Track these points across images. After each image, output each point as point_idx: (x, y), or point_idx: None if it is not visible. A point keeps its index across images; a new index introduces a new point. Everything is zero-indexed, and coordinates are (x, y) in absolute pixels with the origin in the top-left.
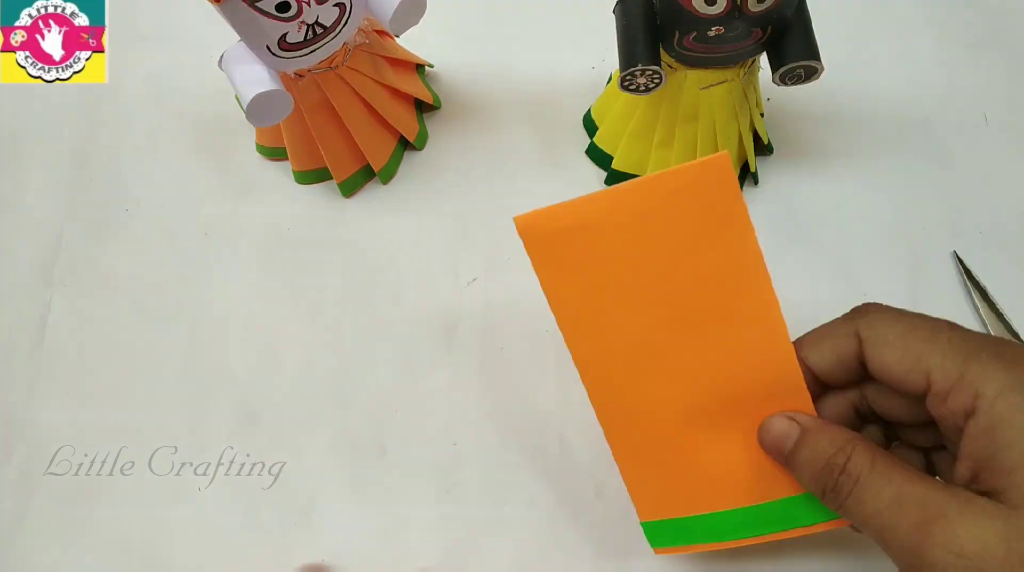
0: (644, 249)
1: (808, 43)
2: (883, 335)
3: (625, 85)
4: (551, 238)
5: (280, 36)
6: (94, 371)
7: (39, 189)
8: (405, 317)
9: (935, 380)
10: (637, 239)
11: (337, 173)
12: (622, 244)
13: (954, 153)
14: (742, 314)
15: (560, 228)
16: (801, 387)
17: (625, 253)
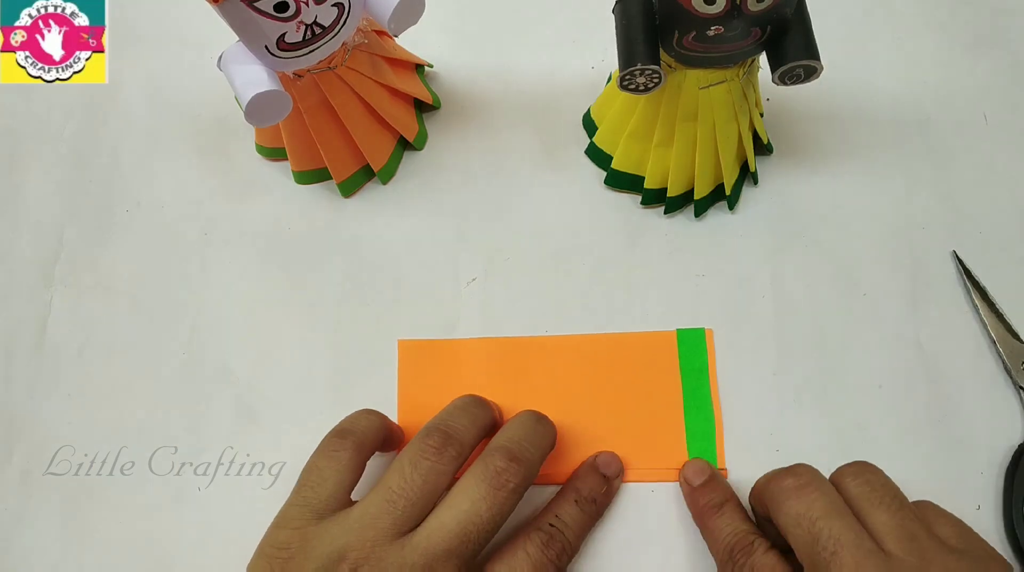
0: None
1: (807, 42)
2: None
3: (624, 84)
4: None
5: (279, 36)
6: (94, 371)
7: (39, 189)
8: (404, 317)
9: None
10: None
11: (336, 173)
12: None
13: (954, 153)
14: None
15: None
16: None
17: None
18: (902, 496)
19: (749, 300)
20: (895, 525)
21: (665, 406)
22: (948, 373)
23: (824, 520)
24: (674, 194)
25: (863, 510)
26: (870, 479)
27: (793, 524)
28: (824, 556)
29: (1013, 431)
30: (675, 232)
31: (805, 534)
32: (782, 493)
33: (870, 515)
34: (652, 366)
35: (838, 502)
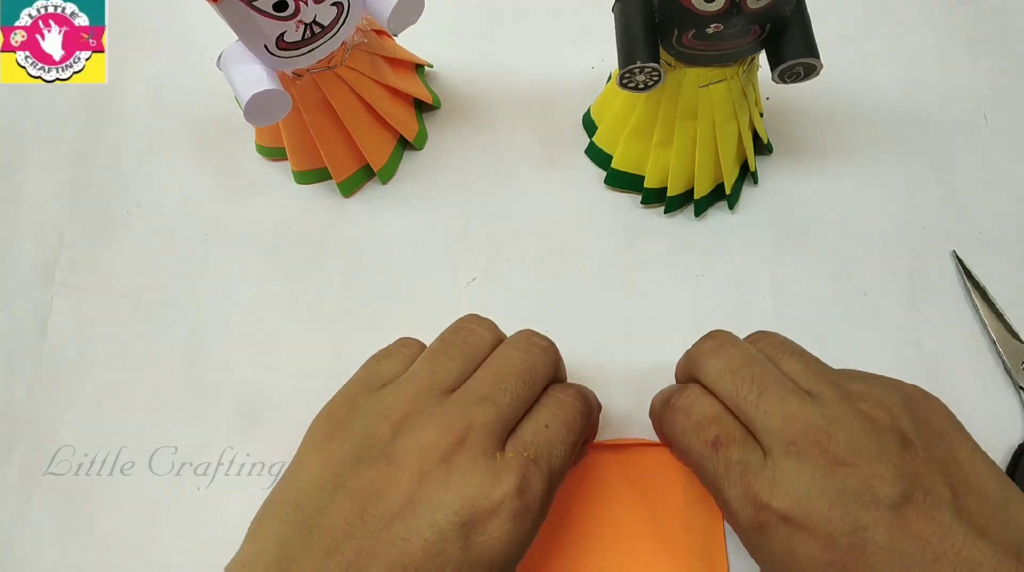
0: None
1: (807, 40)
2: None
3: (624, 82)
4: None
5: (278, 35)
6: (94, 371)
7: (39, 189)
8: (404, 317)
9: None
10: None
11: (336, 173)
12: None
13: (954, 153)
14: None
15: None
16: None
17: None
18: (803, 349)
19: (749, 300)
20: (804, 367)
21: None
22: (948, 373)
23: (745, 368)
24: (674, 193)
25: (774, 360)
26: (773, 340)
27: (717, 379)
28: (751, 400)
29: (1013, 431)
30: (675, 232)
31: (729, 384)
32: (702, 355)
33: (782, 364)
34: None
35: (755, 353)
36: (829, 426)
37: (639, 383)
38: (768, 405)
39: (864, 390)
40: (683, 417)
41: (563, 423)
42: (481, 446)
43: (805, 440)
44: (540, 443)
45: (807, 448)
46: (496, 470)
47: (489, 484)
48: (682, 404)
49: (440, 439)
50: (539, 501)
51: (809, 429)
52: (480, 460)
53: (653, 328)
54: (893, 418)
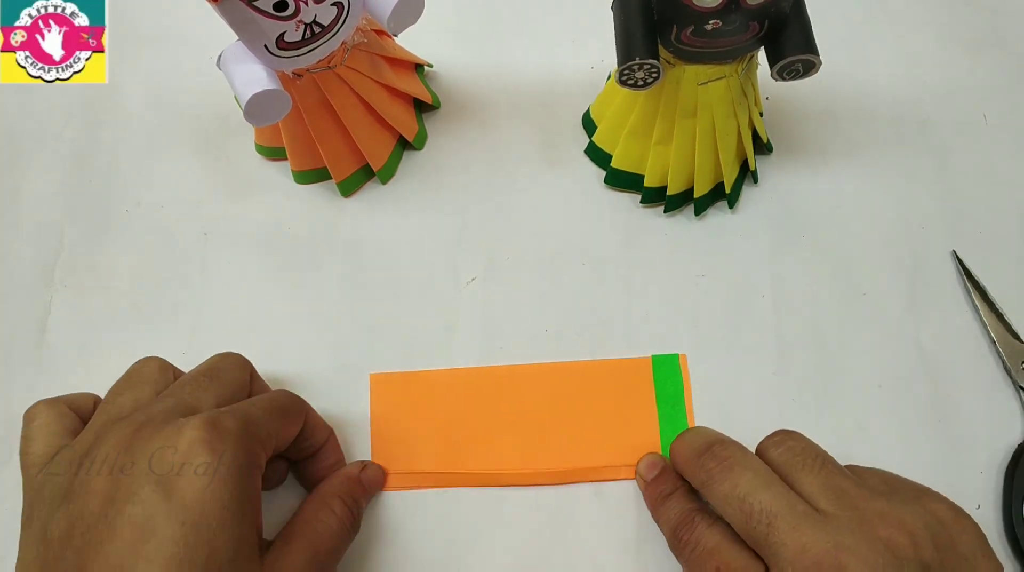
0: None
1: (806, 37)
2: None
3: (623, 80)
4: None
5: (278, 35)
6: (94, 371)
7: (39, 189)
8: (404, 317)
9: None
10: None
11: (336, 173)
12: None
13: (954, 152)
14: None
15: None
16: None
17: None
18: (826, 455)
19: (749, 300)
20: (822, 484)
21: (642, 431)
22: (948, 373)
23: (753, 495)
24: (674, 192)
25: (789, 476)
26: (791, 446)
27: (725, 505)
28: (761, 530)
29: (1013, 430)
30: (675, 231)
31: (738, 512)
32: (709, 478)
33: (797, 480)
34: (628, 393)
35: (764, 474)
36: (843, 556)
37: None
38: (777, 536)
39: (886, 511)
40: (688, 551)
41: (262, 397)
42: (162, 420)
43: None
44: (233, 406)
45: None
46: (179, 426)
47: (173, 435)
48: (689, 540)
49: (121, 437)
50: (235, 434)
51: (821, 560)
52: (162, 427)
53: (653, 328)
54: (916, 546)
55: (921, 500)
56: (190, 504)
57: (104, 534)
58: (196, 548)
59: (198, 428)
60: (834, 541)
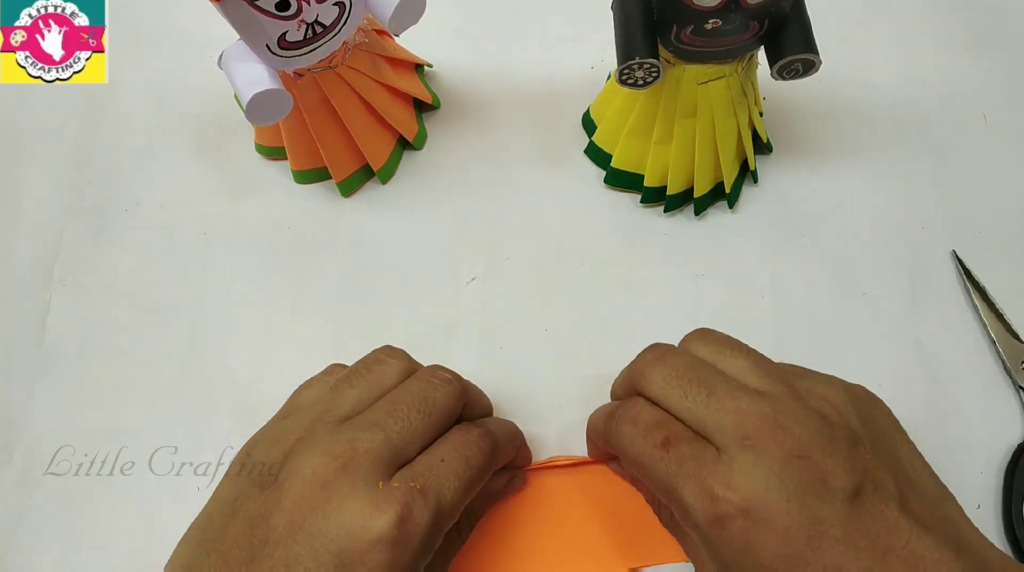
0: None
1: (805, 37)
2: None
3: (623, 79)
4: None
5: (280, 35)
6: (94, 371)
7: (39, 189)
8: (404, 316)
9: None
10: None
11: (336, 173)
12: None
13: (953, 152)
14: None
15: None
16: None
17: None
18: (745, 344)
19: (749, 300)
20: (750, 365)
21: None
22: (948, 373)
23: (691, 372)
24: (674, 192)
25: (718, 363)
26: (713, 337)
27: (664, 386)
28: (700, 400)
29: (1013, 430)
30: (675, 231)
31: (676, 390)
32: (646, 365)
33: (725, 364)
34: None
35: (697, 359)
36: (783, 420)
37: None
38: (718, 404)
39: (812, 387)
40: (630, 426)
41: (462, 459)
42: (363, 473)
43: (760, 434)
44: (432, 475)
45: (762, 441)
46: (377, 499)
47: (368, 513)
48: (628, 414)
49: (323, 465)
50: (421, 534)
51: (763, 423)
52: (361, 488)
53: (653, 327)
54: (842, 415)
55: (839, 381)
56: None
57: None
58: None
59: (392, 519)
60: (771, 407)
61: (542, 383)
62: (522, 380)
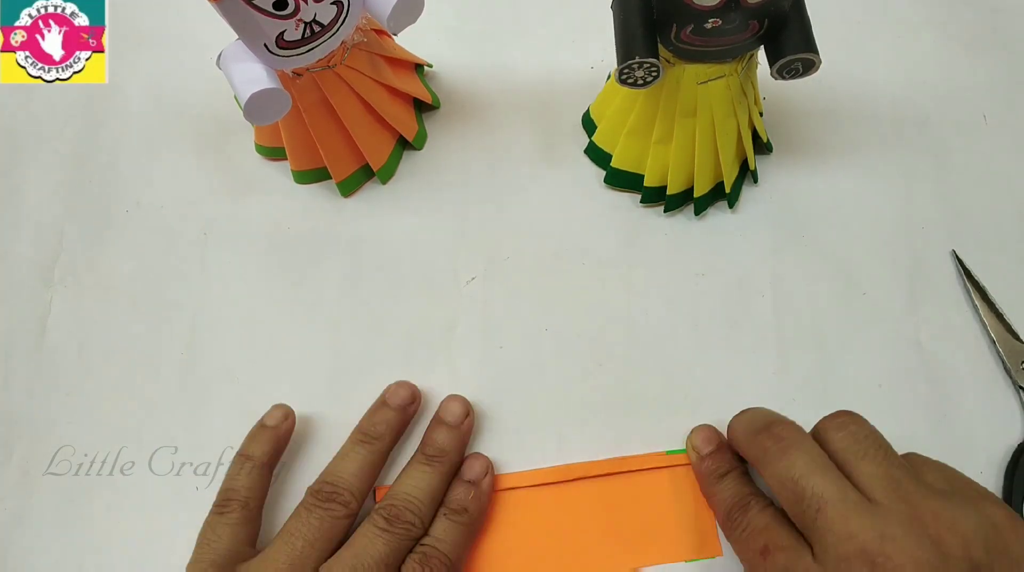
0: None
1: (805, 36)
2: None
3: (623, 78)
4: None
5: (278, 34)
6: (94, 371)
7: (39, 189)
8: (404, 316)
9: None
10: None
11: (336, 173)
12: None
13: (953, 152)
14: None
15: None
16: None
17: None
18: (887, 445)
19: (749, 300)
20: (880, 474)
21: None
22: (948, 373)
23: (806, 478)
24: (674, 192)
25: (848, 463)
26: (854, 430)
27: (778, 486)
28: (810, 514)
29: (1013, 430)
30: (675, 231)
31: (790, 495)
32: (765, 456)
33: (855, 467)
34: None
35: (820, 458)
36: (888, 547)
37: (638, 381)
38: (826, 522)
39: (939, 510)
40: (739, 531)
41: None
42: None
43: (859, 559)
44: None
45: (859, 567)
46: None
47: None
48: (741, 521)
49: None
50: None
51: (865, 548)
52: None
53: (653, 327)
54: (965, 547)
55: (978, 503)
56: None
57: None
58: None
59: None
60: (881, 532)
61: (542, 383)
62: (522, 380)
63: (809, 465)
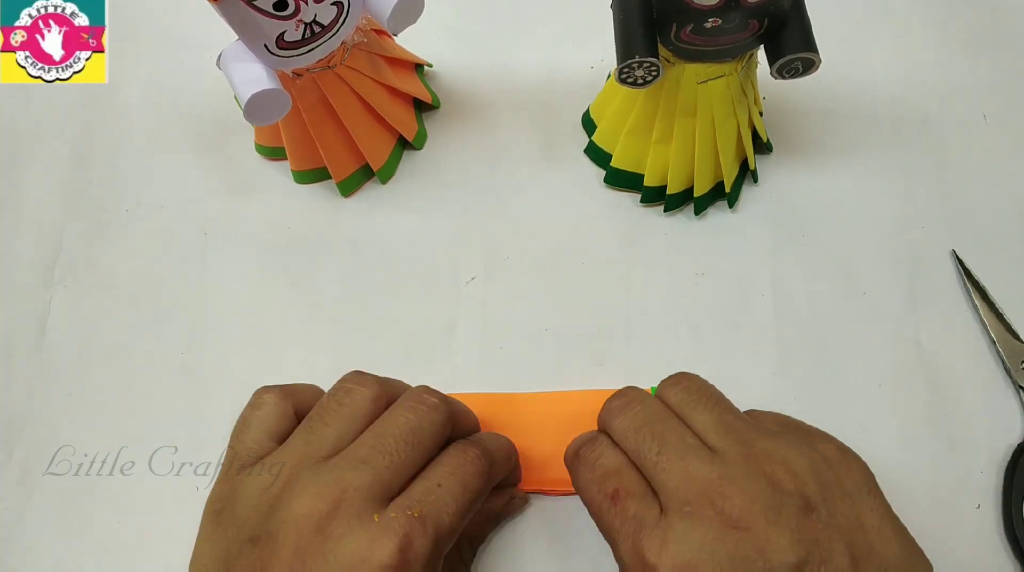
0: None
1: (805, 36)
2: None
3: (623, 78)
4: None
5: (278, 35)
6: (94, 371)
7: (39, 189)
8: (404, 316)
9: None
10: None
11: (336, 173)
12: None
13: (953, 152)
14: None
15: None
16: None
17: None
18: (720, 395)
19: (749, 299)
20: (714, 421)
21: None
22: (948, 372)
23: (648, 425)
24: (674, 191)
25: (685, 415)
26: (688, 385)
27: (622, 436)
28: (651, 458)
29: (1012, 430)
30: (675, 231)
31: (632, 441)
32: (610, 414)
33: (691, 417)
34: None
35: (660, 410)
36: (726, 487)
37: (639, 383)
38: (667, 463)
39: (772, 449)
40: (587, 469)
41: (459, 482)
42: (356, 510)
43: (700, 500)
44: (429, 502)
45: (701, 509)
46: (374, 533)
47: (367, 547)
48: (589, 456)
49: (314, 507)
50: (423, 561)
51: (705, 489)
52: (355, 524)
53: (653, 327)
54: (798, 481)
55: (809, 440)
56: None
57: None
58: None
59: (391, 550)
60: (718, 472)
61: (542, 383)
62: (522, 380)
63: (650, 415)
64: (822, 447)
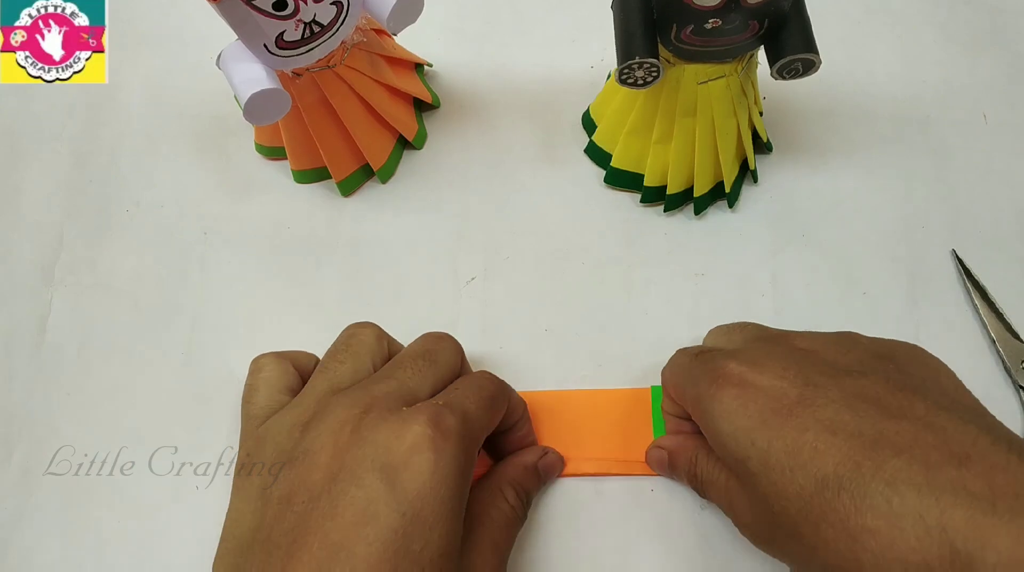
0: None
1: (805, 36)
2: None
3: (623, 78)
4: None
5: (277, 34)
6: (94, 371)
7: (39, 189)
8: (404, 316)
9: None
10: None
11: (336, 172)
12: None
13: (953, 152)
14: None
15: None
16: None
17: None
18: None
19: (749, 299)
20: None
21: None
22: None
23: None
24: (674, 191)
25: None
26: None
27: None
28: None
29: (1012, 429)
30: (675, 231)
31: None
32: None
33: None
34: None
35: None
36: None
37: (639, 382)
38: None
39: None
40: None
41: (474, 386)
42: (387, 407)
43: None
44: (450, 396)
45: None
46: (405, 418)
47: (400, 428)
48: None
49: (348, 415)
50: (455, 435)
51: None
52: (388, 416)
53: (653, 327)
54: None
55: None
56: (412, 497)
57: (326, 509)
58: (413, 539)
59: (424, 424)
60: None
61: (542, 383)
62: (522, 380)
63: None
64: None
